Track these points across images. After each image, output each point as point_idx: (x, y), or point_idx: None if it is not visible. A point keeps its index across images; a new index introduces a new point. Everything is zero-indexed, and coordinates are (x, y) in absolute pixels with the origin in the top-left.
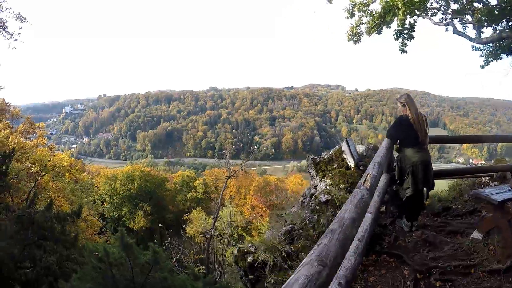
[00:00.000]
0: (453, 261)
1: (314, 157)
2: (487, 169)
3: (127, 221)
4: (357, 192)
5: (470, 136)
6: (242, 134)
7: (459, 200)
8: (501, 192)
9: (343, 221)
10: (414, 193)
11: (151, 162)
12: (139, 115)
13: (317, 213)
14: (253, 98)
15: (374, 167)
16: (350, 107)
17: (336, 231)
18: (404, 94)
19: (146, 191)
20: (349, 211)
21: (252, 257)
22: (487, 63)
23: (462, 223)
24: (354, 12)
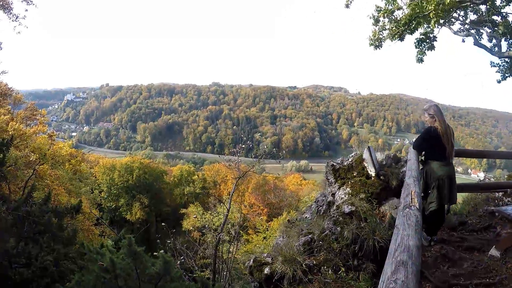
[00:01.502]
0: (474, 279)
1: (333, 163)
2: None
3: (124, 212)
4: (411, 213)
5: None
6: (242, 131)
7: (473, 214)
8: None
9: (410, 250)
10: (438, 207)
11: (150, 154)
12: (140, 106)
13: (341, 225)
14: (255, 95)
15: (414, 182)
16: (352, 110)
17: (407, 263)
18: (433, 105)
19: (144, 183)
20: (412, 237)
21: (270, 268)
22: (504, 78)
23: (479, 238)
24: (380, 18)
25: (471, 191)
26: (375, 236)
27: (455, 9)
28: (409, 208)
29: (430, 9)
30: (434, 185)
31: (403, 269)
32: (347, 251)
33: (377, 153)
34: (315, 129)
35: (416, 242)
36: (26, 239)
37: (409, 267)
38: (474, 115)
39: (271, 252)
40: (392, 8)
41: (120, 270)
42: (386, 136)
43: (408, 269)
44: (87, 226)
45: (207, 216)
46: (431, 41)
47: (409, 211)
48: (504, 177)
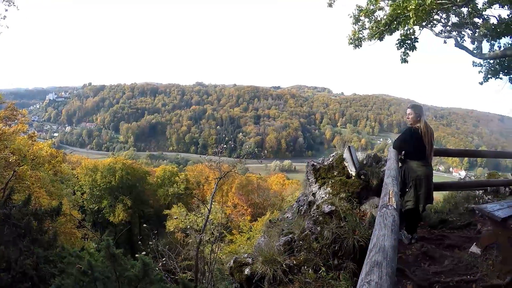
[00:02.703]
0: (455, 276)
1: (314, 163)
2: (487, 183)
3: (107, 214)
4: (388, 213)
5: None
6: (226, 131)
7: (454, 212)
8: (502, 209)
9: (385, 251)
10: (414, 206)
11: (133, 155)
12: (123, 106)
13: (321, 225)
14: (239, 95)
15: (392, 182)
16: (335, 110)
17: (382, 264)
18: (418, 105)
19: (127, 184)
20: (388, 237)
21: (250, 269)
22: (486, 80)
23: (460, 236)
24: (360, 18)
25: (452, 189)
26: (355, 235)
27: (436, 10)
28: (386, 208)
29: (411, 9)
30: (411, 184)
31: (377, 270)
32: (327, 250)
33: (358, 153)
34: (299, 129)
35: (392, 243)
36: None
37: (383, 268)
38: (456, 115)
39: (251, 253)
40: (374, 8)
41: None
42: (369, 136)
43: (383, 270)
44: (68, 229)
45: (191, 217)
46: (412, 42)
47: (386, 211)
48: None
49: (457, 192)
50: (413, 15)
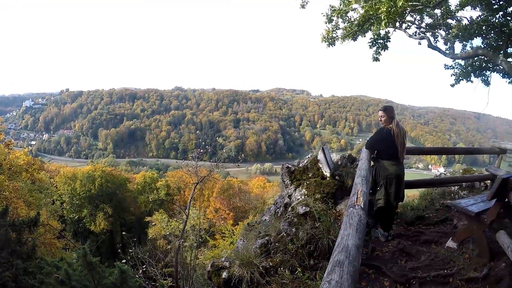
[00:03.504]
0: (432, 271)
1: (289, 166)
2: (459, 179)
3: (88, 223)
4: (354, 213)
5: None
6: (206, 136)
7: (430, 208)
8: (475, 203)
9: (348, 250)
10: (385, 205)
11: (113, 162)
12: (101, 112)
13: (296, 226)
14: (218, 99)
15: (362, 182)
16: (314, 112)
17: (344, 263)
18: (389, 107)
19: (107, 192)
20: (352, 236)
21: (227, 272)
22: (457, 82)
23: (436, 231)
24: (333, 18)
25: (428, 186)
26: (330, 235)
27: (408, 12)
28: (353, 207)
29: (382, 11)
30: (382, 182)
31: (339, 269)
32: (302, 251)
33: (333, 154)
34: (278, 132)
35: (356, 242)
36: None
37: (345, 267)
38: (433, 114)
39: (229, 256)
40: (346, 9)
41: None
42: (348, 137)
43: (344, 269)
44: (48, 239)
45: (173, 224)
46: (384, 42)
47: (352, 210)
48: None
49: (433, 189)
50: (384, 17)
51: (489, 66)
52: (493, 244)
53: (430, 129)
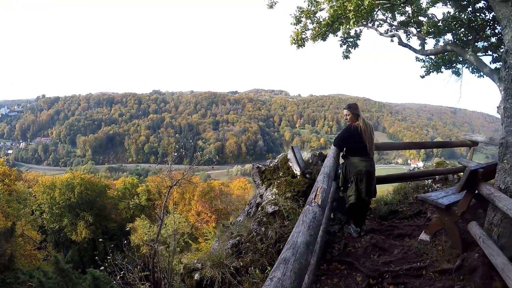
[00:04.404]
0: (404, 264)
1: (259, 166)
2: (431, 173)
3: (69, 233)
4: (309, 210)
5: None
6: (185, 139)
7: (404, 202)
8: (446, 196)
9: (296, 247)
10: (356, 201)
11: (92, 169)
12: (79, 118)
13: (265, 225)
14: (197, 102)
15: (323, 179)
16: (293, 112)
17: (289, 260)
18: (353, 105)
19: (87, 200)
20: (302, 234)
21: (199, 274)
22: (427, 73)
23: (409, 225)
24: (301, 18)
25: (400, 181)
26: None
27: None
28: (309, 205)
29: (350, 10)
30: (352, 179)
31: (283, 267)
32: (272, 250)
33: (304, 153)
34: (258, 133)
35: (307, 239)
36: None
37: (290, 264)
38: (410, 110)
39: (201, 258)
40: (315, 9)
41: None
42: (327, 135)
43: (288, 266)
44: (28, 251)
45: (154, 229)
46: (354, 40)
47: (308, 207)
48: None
49: (407, 183)
50: (352, 16)
51: (459, 59)
52: (466, 235)
53: (408, 125)
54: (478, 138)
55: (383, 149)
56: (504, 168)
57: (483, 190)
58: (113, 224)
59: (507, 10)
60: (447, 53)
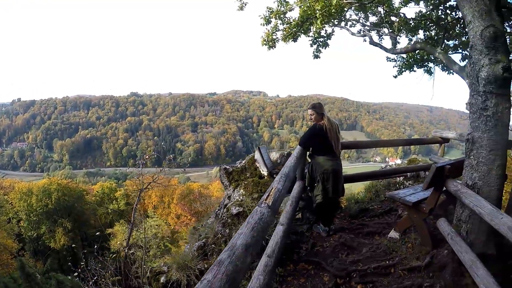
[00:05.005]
0: (373, 263)
1: (226, 167)
2: (402, 170)
3: (47, 240)
4: (257, 211)
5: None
6: (164, 141)
7: (375, 200)
8: (415, 193)
9: (234, 249)
10: (323, 201)
11: (70, 174)
12: (56, 122)
13: (229, 226)
14: (175, 104)
15: (280, 179)
16: (271, 112)
17: (224, 262)
18: (317, 103)
19: (65, 206)
20: (244, 235)
21: (165, 277)
22: (400, 73)
23: (380, 223)
24: (271, 19)
25: (369, 179)
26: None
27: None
28: (259, 205)
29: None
30: (319, 178)
31: (216, 269)
32: None
33: (272, 153)
34: (237, 134)
35: (247, 241)
36: None
37: (223, 266)
38: (388, 109)
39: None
40: (284, 10)
41: None
42: None
43: (221, 268)
44: (5, 260)
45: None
46: (325, 40)
47: (257, 208)
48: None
49: (379, 181)
50: (319, 15)
51: (430, 58)
52: (437, 231)
53: (386, 124)
54: (449, 135)
55: (351, 147)
56: (471, 164)
57: (450, 186)
58: (92, 230)
59: (471, 5)
60: (418, 52)
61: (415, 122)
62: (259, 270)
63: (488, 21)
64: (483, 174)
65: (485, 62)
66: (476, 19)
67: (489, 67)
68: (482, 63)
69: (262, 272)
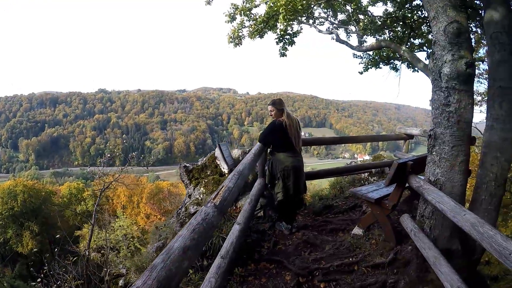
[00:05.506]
0: (336, 260)
1: (186, 165)
2: (366, 166)
3: (14, 245)
4: (202, 211)
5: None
6: (133, 139)
7: (340, 197)
8: (378, 189)
9: (170, 252)
10: (284, 198)
11: (36, 174)
12: (21, 120)
13: None
14: (144, 101)
15: (232, 177)
16: (241, 110)
17: (156, 267)
18: (277, 99)
19: (32, 208)
20: (183, 238)
21: (124, 280)
22: (366, 70)
23: (344, 220)
24: (236, 16)
25: (334, 175)
26: (222, 233)
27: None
28: (205, 205)
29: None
30: (279, 175)
31: (147, 275)
32: None
33: (234, 150)
34: (206, 131)
35: (185, 243)
36: None
37: (155, 272)
38: (356, 106)
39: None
40: (250, 6)
41: None
42: None
43: (153, 274)
44: None
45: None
46: (291, 37)
47: (202, 208)
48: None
49: (343, 177)
50: (282, 10)
51: (396, 56)
52: (400, 227)
53: (354, 121)
54: (413, 131)
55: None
56: (433, 160)
57: (413, 183)
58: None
59: (435, 1)
60: (384, 49)
61: (383, 119)
62: (212, 272)
63: (452, 17)
64: (446, 170)
65: (448, 58)
66: (440, 14)
67: (452, 63)
68: (445, 59)
69: (215, 274)
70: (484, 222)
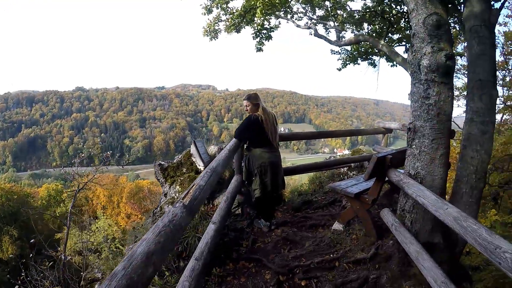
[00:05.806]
0: (316, 257)
1: (161, 163)
2: (345, 161)
3: None
4: (170, 212)
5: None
6: (111, 138)
7: (319, 192)
8: (357, 184)
9: (132, 259)
10: (261, 195)
11: (14, 177)
12: None
13: None
14: (122, 98)
15: (204, 175)
16: (220, 106)
17: (117, 276)
18: (253, 94)
19: (10, 212)
20: (147, 242)
21: (99, 284)
22: (344, 66)
23: (323, 215)
24: (212, 8)
25: (313, 170)
26: (198, 233)
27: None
28: (173, 206)
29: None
30: (256, 172)
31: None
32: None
33: (211, 146)
34: (186, 128)
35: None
36: None
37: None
38: (335, 102)
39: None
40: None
41: None
42: None
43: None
44: None
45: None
46: (268, 32)
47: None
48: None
49: (322, 172)
50: (260, 4)
51: (374, 51)
52: (381, 221)
53: (334, 116)
54: (392, 125)
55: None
56: (413, 154)
57: (392, 176)
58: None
59: None
60: (362, 45)
61: (362, 114)
62: (185, 275)
63: (431, 9)
64: (426, 163)
65: (428, 50)
66: (419, 6)
67: (432, 55)
68: (424, 51)
69: (188, 277)
70: (467, 216)
